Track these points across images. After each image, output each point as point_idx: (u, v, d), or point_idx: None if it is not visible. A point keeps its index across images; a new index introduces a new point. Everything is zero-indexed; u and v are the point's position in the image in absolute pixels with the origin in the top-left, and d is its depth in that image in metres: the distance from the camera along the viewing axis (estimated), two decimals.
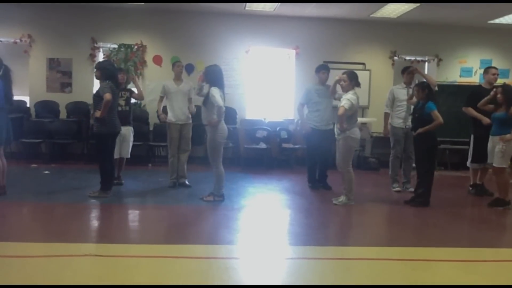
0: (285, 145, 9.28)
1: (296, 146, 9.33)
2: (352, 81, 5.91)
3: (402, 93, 6.90)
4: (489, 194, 6.53)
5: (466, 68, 10.37)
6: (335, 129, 5.96)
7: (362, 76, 9.72)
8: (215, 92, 5.63)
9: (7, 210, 5.33)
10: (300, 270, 3.73)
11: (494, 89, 6.19)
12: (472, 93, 6.78)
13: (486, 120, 6.27)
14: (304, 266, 3.83)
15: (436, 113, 5.82)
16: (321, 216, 5.59)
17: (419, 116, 5.99)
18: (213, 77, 5.79)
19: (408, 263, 3.93)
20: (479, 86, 7.01)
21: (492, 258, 4.19)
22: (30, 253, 3.81)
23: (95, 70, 6.03)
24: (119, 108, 6.45)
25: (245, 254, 4.09)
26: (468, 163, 6.84)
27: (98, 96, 5.74)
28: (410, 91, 6.76)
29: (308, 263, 3.89)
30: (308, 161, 7.18)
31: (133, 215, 5.49)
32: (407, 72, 6.98)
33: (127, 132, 6.62)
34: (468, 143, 6.99)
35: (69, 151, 9.25)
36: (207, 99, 5.69)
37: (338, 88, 6.26)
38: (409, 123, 6.66)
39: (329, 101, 6.88)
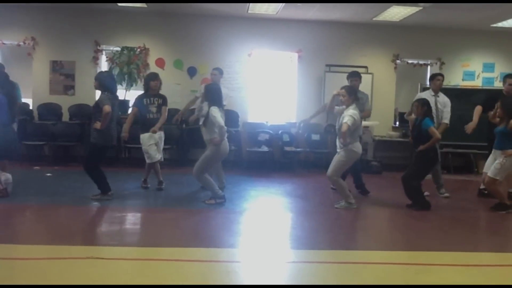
0: (287, 148, 9.29)
1: (298, 149, 9.33)
2: (351, 95, 5.88)
3: (431, 101, 6.64)
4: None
5: (468, 71, 10.35)
6: (337, 143, 5.92)
7: (365, 79, 9.74)
8: (215, 112, 5.63)
9: (10, 212, 5.34)
10: (302, 274, 3.72)
11: (497, 103, 6.15)
12: (489, 98, 6.69)
13: (472, 125, 6.52)
14: (306, 270, 3.82)
15: (433, 130, 5.87)
16: (323, 220, 5.59)
17: (417, 133, 6.02)
18: (213, 95, 5.80)
19: (411, 267, 3.92)
20: (500, 92, 6.91)
21: (495, 262, 4.18)
22: (32, 256, 3.82)
23: (94, 81, 5.96)
24: (151, 115, 6.45)
25: (246, 258, 4.09)
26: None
27: (97, 107, 5.73)
28: (438, 99, 6.74)
29: (310, 267, 3.88)
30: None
31: (135, 217, 5.49)
32: (436, 79, 6.86)
33: (160, 136, 6.57)
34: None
35: (71, 153, 9.27)
36: (207, 119, 5.71)
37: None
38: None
39: (361, 109, 6.81)
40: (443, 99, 6.97)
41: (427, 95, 6.82)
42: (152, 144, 6.45)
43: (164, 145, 6.72)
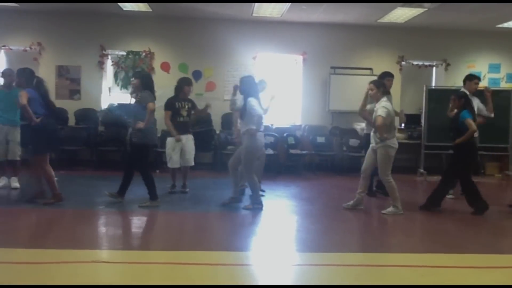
0: (292, 151, 9.27)
1: (304, 152, 9.31)
2: (380, 88, 5.81)
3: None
4: None
5: (474, 72, 10.20)
6: (373, 138, 5.83)
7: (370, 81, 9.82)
8: (253, 102, 5.68)
9: (15, 216, 5.37)
10: (307, 276, 3.71)
11: None
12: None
13: None
14: (311, 272, 3.82)
15: (469, 121, 5.72)
16: (329, 223, 5.57)
17: (455, 125, 5.93)
18: (249, 87, 5.81)
19: (417, 269, 3.89)
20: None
21: (502, 264, 4.15)
22: (38, 260, 3.83)
23: (133, 79, 6.06)
24: (181, 119, 6.52)
25: (252, 260, 4.08)
26: None
27: (139, 106, 5.74)
28: (476, 99, 6.68)
29: (315, 270, 3.88)
30: None
31: (141, 221, 5.50)
32: (473, 82, 6.77)
33: (188, 140, 6.62)
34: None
35: (77, 158, 9.31)
36: (245, 110, 5.70)
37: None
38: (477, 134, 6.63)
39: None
40: (475, 101, 6.87)
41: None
42: (177, 150, 6.50)
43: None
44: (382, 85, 5.87)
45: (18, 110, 6.57)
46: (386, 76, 6.81)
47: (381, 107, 5.64)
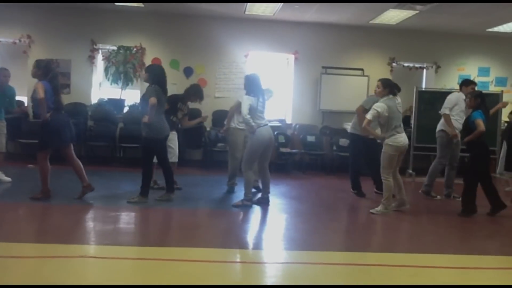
0: (282, 149, 9.28)
1: (294, 150, 9.33)
2: (387, 88, 5.83)
3: (463, 103, 6.67)
4: None
5: (464, 75, 10.36)
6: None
7: (361, 82, 9.88)
8: (244, 100, 5.76)
9: (2, 210, 5.31)
10: (295, 275, 3.72)
11: None
12: None
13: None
14: (300, 270, 3.82)
15: (478, 122, 5.72)
16: (317, 222, 5.58)
17: (465, 124, 5.99)
18: (249, 85, 5.91)
19: (406, 269, 3.92)
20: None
21: (491, 265, 4.19)
22: (25, 254, 3.80)
23: (144, 72, 6.07)
24: (174, 119, 6.53)
25: (240, 258, 4.09)
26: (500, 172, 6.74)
27: (144, 100, 5.74)
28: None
29: (303, 268, 3.88)
30: (353, 168, 7.10)
31: (129, 217, 5.47)
32: (470, 87, 6.73)
33: (174, 136, 6.61)
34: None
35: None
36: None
37: None
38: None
39: None
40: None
41: (461, 96, 6.74)
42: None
43: None
44: (389, 85, 5.89)
45: (3, 108, 6.63)
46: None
47: (373, 109, 5.67)
